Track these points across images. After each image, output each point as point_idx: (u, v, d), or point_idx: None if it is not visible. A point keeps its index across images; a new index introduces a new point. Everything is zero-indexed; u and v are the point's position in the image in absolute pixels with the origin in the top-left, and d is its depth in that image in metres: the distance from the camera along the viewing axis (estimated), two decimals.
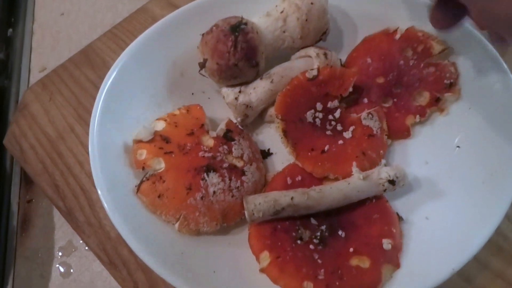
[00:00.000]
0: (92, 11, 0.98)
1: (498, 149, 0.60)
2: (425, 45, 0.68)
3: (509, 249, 0.64)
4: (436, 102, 0.67)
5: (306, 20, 0.67)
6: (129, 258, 0.65)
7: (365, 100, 0.69)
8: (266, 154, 0.70)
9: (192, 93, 0.73)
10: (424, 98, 0.67)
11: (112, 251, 0.66)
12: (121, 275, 0.65)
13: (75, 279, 0.70)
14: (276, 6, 0.69)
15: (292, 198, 0.58)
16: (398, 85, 0.69)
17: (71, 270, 0.71)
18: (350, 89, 0.67)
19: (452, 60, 0.68)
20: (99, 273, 0.70)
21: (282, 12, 0.68)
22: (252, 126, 0.72)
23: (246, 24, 0.65)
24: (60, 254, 0.72)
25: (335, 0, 0.73)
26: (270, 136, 0.71)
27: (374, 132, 0.66)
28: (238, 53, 0.64)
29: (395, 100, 0.68)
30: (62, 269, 0.71)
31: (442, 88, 0.66)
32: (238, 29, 0.64)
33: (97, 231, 0.67)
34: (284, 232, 0.59)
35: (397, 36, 0.70)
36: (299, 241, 0.58)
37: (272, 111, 0.70)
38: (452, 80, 0.66)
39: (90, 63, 0.81)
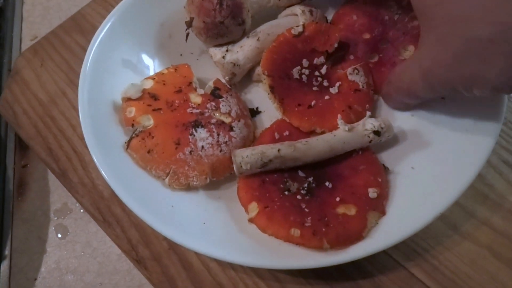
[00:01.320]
0: None
1: (481, 98, 0.61)
2: None
3: (494, 197, 0.65)
4: None
5: None
6: (122, 216, 0.67)
7: (351, 57, 0.69)
8: (254, 112, 0.71)
9: (181, 54, 0.73)
10: (409, 52, 0.67)
11: (105, 210, 0.67)
12: (115, 232, 0.66)
13: (71, 240, 0.72)
14: None
15: (279, 150, 0.59)
16: (384, 40, 0.69)
17: (68, 232, 0.73)
18: (336, 45, 0.67)
19: None
20: (95, 233, 0.72)
21: None
22: (241, 86, 0.73)
23: None
24: (55, 217, 0.74)
25: None
26: (259, 95, 0.72)
27: (360, 87, 0.66)
28: (224, 11, 0.65)
29: (381, 55, 0.69)
30: (58, 231, 0.73)
31: None
32: None
33: (91, 191, 0.69)
34: (272, 184, 0.60)
35: None
36: (286, 192, 0.59)
37: (259, 69, 0.70)
38: None
39: (80, 29, 0.82)
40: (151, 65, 0.71)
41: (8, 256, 0.71)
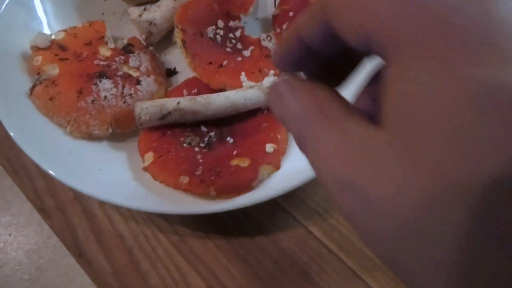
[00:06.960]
0: None
1: None
2: None
3: None
4: None
5: None
6: (30, 166, 0.67)
7: (291, 14, 0.68)
8: (171, 72, 0.71)
9: (103, 13, 0.74)
10: None
11: (15, 160, 0.68)
12: (23, 182, 0.67)
13: None
14: None
15: (178, 103, 0.60)
16: None
17: None
18: (251, 10, 0.69)
19: None
20: (9, 187, 0.72)
21: None
22: (161, 47, 0.73)
23: None
24: None
25: None
26: (178, 57, 0.72)
27: (272, 54, 0.68)
28: None
29: None
30: None
31: None
32: None
33: (2, 140, 0.69)
34: (172, 137, 0.61)
35: None
36: (185, 145, 0.60)
37: None
38: None
39: None
40: (71, 23, 0.72)
41: None
